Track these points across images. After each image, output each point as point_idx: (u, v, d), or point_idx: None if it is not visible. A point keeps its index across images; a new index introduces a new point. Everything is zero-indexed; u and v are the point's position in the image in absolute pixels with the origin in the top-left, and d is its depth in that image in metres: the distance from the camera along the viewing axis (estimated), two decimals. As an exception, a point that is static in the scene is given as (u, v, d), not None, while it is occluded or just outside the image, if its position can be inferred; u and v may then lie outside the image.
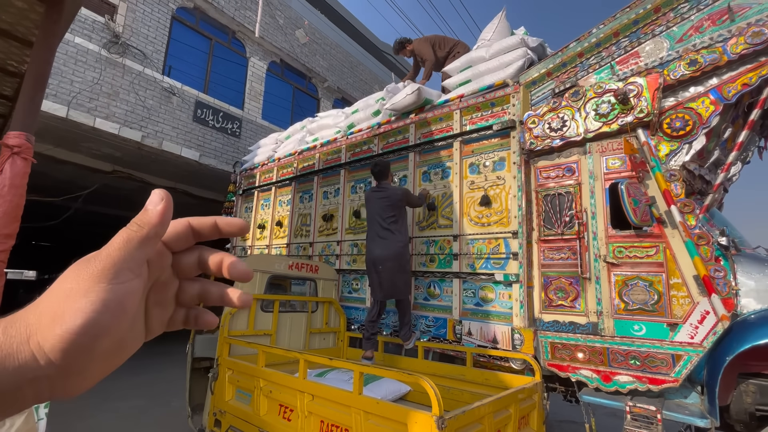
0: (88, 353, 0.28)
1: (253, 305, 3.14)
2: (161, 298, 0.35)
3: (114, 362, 0.32)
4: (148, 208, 0.31)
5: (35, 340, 0.27)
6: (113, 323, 0.29)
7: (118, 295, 0.29)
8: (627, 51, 2.73)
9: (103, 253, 0.29)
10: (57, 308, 0.27)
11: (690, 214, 2.33)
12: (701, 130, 2.37)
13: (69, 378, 0.29)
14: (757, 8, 2.31)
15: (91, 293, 0.28)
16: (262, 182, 5.84)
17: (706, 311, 2.23)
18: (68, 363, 0.27)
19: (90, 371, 0.30)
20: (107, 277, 0.28)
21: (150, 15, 6.87)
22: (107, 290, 0.28)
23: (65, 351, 0.27)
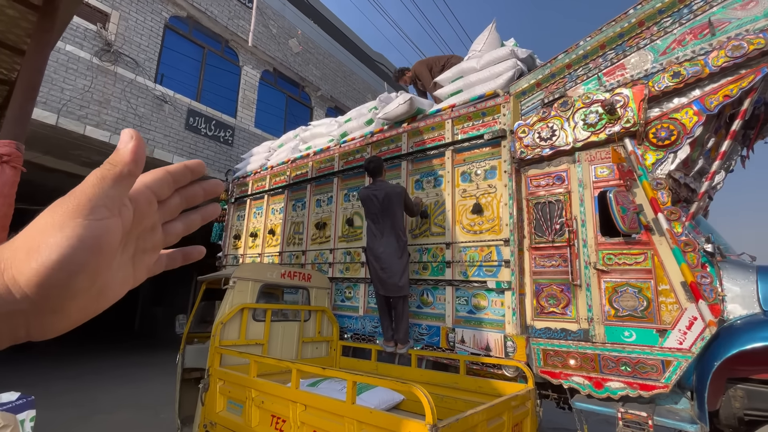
0: (65, 289, 0.28)
1: (244, 314, 3.11)
2: (149, 244, 0.36)
3: (96, 305, 0.32)
4: (119, 147, 0.31)
5: (10, 273, 0.27)
6: (90, 260, 0.28)
7: (94, 232, 0.28)
8: (613, 63, 2.80)
9: (77, 190, 0.29)
10: (32, 243, 0.27)
11: (676, 221, 2.38)
12: (686, 139, 2.44)
13: (45, 315, 0.28)
14: (736, 23, 2.40)
15: (66, 228, 0.27)
16: (254, 190, 5.82)
17: (694, 317, 2.27)
18: (44, 299, 0.27)
19: (68, 310, 0.29)
20: (82, 212, 0.28)
21: (143, 23, 6.88)
22: (83, 225, 0.28)
23: (40, 285, 0.27)
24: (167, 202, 0.36)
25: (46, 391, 5.43)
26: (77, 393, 5.59)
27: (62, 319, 0.30)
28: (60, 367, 7.28)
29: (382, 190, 3.32)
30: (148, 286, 15.13)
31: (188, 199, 0.38)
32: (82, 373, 6.95)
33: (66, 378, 6.47)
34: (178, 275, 12.96)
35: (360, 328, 3.88)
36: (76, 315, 0.30)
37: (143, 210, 0.33)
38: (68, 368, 7.27)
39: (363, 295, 3.93)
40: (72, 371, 7.03)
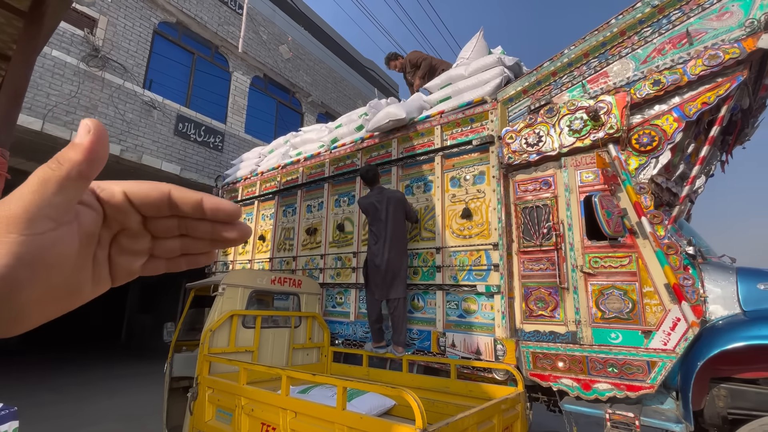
0: (8, 304, 0.25)
1: (234, 321, 3.09)
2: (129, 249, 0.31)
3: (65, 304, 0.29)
4: (73, 142, 0.26)
5: None
6: (32, 278, 0.25)
7: (32, 248, 0.24)
8: (597, 71, 2.88)
9: (15, 195, 0.25)
10: None
11: (659, 224, 2.44)
12: (666, 145, 2.51)
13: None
14: (712, 33, 2.49)
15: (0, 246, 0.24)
16: (244, 196, 5.79)
17: (678, 318, 2.32)
18: None
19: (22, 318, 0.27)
20: (18, 227, 0.24)
21: (131, 29, 6.84)
22: (19, 242, 0.24)
23: None
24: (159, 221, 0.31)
25: (29, 403, 5.29)
26: (62, 405, 5.45)
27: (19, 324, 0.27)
28: (44, 379, 7.09)
29: (384, 195, 3.42)
30: (136, 294, 14.87)
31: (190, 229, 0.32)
32: (67, 384, 6.78)
33: (50, 390, 6.30)
34: (167, 283, 12.77)
35: (351, 334, 3.87)
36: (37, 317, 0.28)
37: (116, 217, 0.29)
38: (53, 379, 7.09)
39: (354, 301, 3.93)
40: (56, 382, 6.85)
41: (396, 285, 3.27)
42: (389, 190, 3.51)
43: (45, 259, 0.26)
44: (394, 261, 3.29)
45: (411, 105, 3.87)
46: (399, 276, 3.29)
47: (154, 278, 13.85)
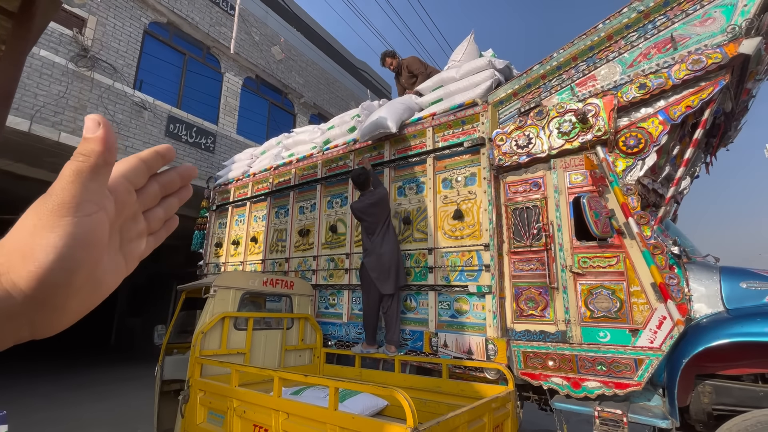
0: (66, 288, 0.28)
1: (226, 323, 3.07)
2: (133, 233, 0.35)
3: (93, 297, 0.32)
4: (87, 136, 0.29)
5: (8, 278, 0.27)
6: (85, 256, 0.28)
7: (85, 228, 0.28)
8: (585, 74, 2.93)
9: (56, 187, 0.28)
10: (25, 246, 0.27)
11: (646, 225, 2.49)
12: (652, 147, 2.57)
13: (48, 314, 0.29)
14: (696, 38, 2.55)
15: (58, 228, 0.27)
16: (236, 197, 5.76)
17: (663, 317, 2.37)
18: (46, 299, 0.28)
19: (69, 307, 0.30)
20: (69, 210, 0.28)
21: (121, 29, 6.77)
22: (73, 224, 0.28)
23: (42, 287, 0.27)
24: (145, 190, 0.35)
25: (19, 409, 5.20)
26: (50, 411, 5.36)
27: (63, 315, 0.30)
28: (33, 384, 6.97)
29: (375, 196, 3.52)
30: (125, 298, 14.67)
31: (165, 185, 0.37)
32: (56, 390, 6.67)
33: (40, 395, 6.20)
34: (156, 285, 12.63)
35: (344, 335, 3.87)
36: (76, 309, 0.31)
37: (123, 200, 0.33)
38: (42, 385, 6.97)
39: (347, 302, 3.94)
40: (46, 388, 6.74)
41: (400, 275, 3.37)
42: (378, 191, 3.59)
43: (92, 239, 0.29)
44: (393, 251, 3.39)
45: (402, 111, 3.87)
46: (401, 266, 3.39)
47: (143, 281, 13.69)
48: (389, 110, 3.82)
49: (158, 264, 13.04)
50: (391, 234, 3.50)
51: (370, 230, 3.49)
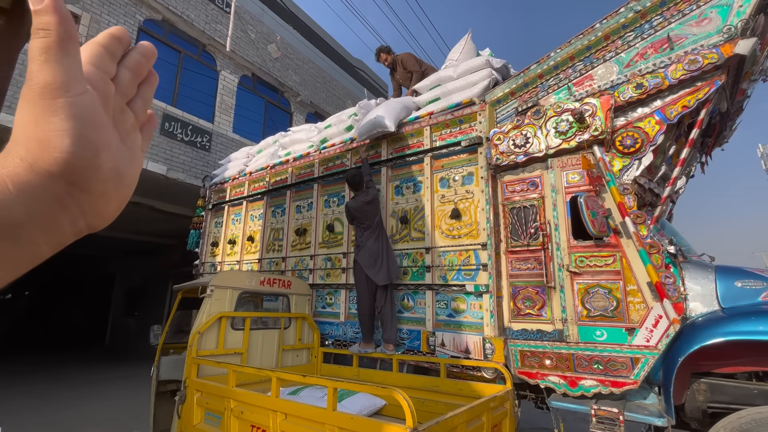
0: (95, 170, 0.28)
1: (223, 323, 3.06)
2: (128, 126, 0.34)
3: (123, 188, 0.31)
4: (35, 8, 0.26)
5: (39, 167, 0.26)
6: (96, 136, 0.28)
7: (82, 108, 0.27)
8: (582, 74, 2.94)
9: (32, 70, 0.26)
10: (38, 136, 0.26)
11: (642, 224, 2.50)
12: (649, 147, 2.58)
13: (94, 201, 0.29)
14: (692, 38, 2.56)
15: (57, 110, 0.26)
16: (232, 196, 5.73)
17: (660, 315, 2.38)
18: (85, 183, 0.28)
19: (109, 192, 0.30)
20: (58, 91, 0.26)
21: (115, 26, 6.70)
22: (69, 104, 0.26)
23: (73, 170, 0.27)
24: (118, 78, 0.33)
25: (10, 410, 5.14)
26: (41, 411, 5.31)
27: (108, 202, 0.30)
28: (25, 384, 6.90)
29: (368, 195, 3.60)
30: (120, 297, 14.57)
31: (134, 70, 0.34)
32: (49, 390, 6.61)
33: (33, 397, 6.14)
34: (153, 285, 12.56)
35: (341, 334, 3.87)
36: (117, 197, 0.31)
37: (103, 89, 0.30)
38: (34, 385, 6.90)
39: (344, 301, 3.93)
40: (38, 388, 6.68)
41: (392, 266, 3.42)
42: (371, 191, 3.67)
43: (95, 120, 0.28)
44: (383, 244, 3.46)
45: (400, 110, 3.86)
46: (392, 258, 3.46)
47: (139, 280, 13.60)
48: (387, 109, 3.81)
49: (153, 263, 12.96)
50: (382, 231, 3.58)
51: (363, 228, 3.56)
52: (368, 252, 3.43)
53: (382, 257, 3.41)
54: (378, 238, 3.49)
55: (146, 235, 11.21)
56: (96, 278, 16.23)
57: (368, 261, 3.40)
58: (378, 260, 3.40)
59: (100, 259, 15.66)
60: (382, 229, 3.58)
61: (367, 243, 3.47)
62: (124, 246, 12.90)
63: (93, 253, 14.63)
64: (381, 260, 3.40)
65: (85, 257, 15.27)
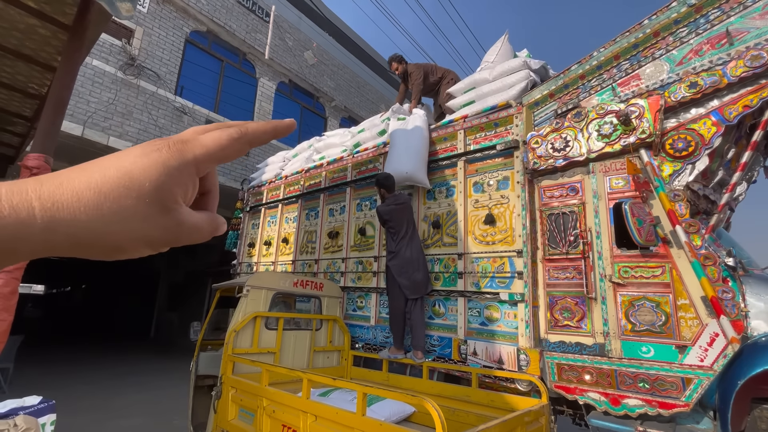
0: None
1: (257, 323, 3.15)
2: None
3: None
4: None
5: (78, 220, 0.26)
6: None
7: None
8: (628, 73, 2.78)
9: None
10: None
11: (695, 234, 2.32)
12: (704, 150, 2.39)
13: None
14: (755, 32, 2.35)
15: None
16: (269, 199, 5.91)
17: (716, 333, 2.19)
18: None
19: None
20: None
21: (165, 38, 7.14)
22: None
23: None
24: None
25: (66, 396, 5.57)
26: (95, 398, 5.70)
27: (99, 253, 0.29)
28: (79, 373, 7.45)
29: (405, 200, 3.57)
30: (164, 293, 15.42)
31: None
32: (99, 378, 7.10)
33: (85, 383, 6.62)
34: (194, 282, 13.19)
35: (371, 338, 3.87)
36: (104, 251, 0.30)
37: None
38: (87, 373, 7.44)
39: (374, 305, 3.93)
40: (90, 376, 7.19)
41: (426, 281, 3.35)
42: (403, 195, 3.62)
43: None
44: (420, 258, 3.39)
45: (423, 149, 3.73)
46: (426, 271, 3.38)
47: (181, 278, 14.34)
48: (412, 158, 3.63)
49: (194, 262, 13.63)
50: (416, 238, 3.49)
51: (395, 233, 3.47)
52: (401, 262, 3.37)
53: (416, 271, 3.33)
54: (410, 246, 3.41)
55: (189, 235, 11.79)
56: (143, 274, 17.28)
57: (402, 273, 3.34)
58: (410, 271, 3.33)
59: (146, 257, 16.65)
60: (416, 238, 3.49)
61: (400, 251, 3.40)
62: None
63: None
64: (415, 274, 3.32)
65: (134, 254, 16.25)
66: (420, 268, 3.34)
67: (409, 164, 3.62)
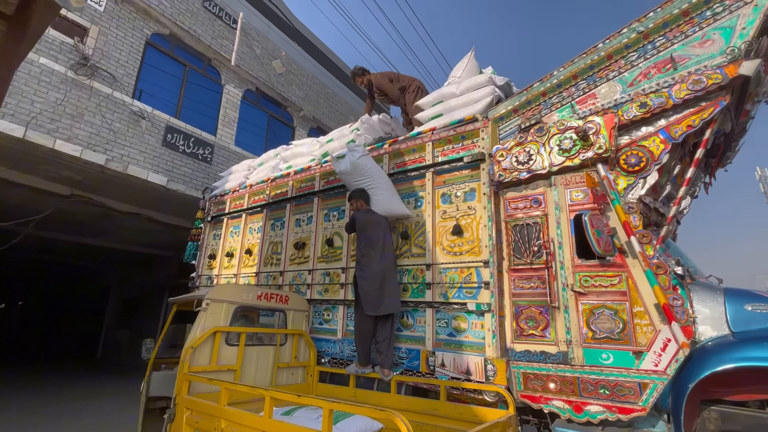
0: None
1: (217, 338, 2.97)
2: None
3: None
4: None
5: None
6: None
7: None
8: (585, 92, 2.94)
9: None
10: None
11: (648, 244, 2.45)
12: (654, 166, 2.55)
13: None
14: (695, 59, 2.57)
15: None
16: (232, 209, 5.69)
17: (668, 339, 2.30)
18: None
19: None
20: None
21: (123, 39, 6.80)
22: None
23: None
24: None
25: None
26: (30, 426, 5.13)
27: None
28: (14, 400, 6.71)
29: (381, 217, 3.49)
30: (114, 309, 14.36)
31: None
32: (38, 404, 6.42)
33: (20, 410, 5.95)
34: (149, 297, 12.39)
35: (338, 352, 3.76)
36: None
37: None
38: (23, 399, 6.71)
39: (342, 318, 3.84)
40: (26, 401, 6.48)
41: (396, 296, 3.25)
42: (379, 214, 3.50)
43: None
44: (391, 276, 3.28)
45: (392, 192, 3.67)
46: (397, 289, 3.28)
47: (134, 292, 13.44)
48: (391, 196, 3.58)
49: (149, 275, 12.83)
50: (390, 254, 3.34)
51: (367, 245, 3.36)
52: (371, 275, 3.23)
53: (385, 284, 3.20)
54: (382, 260, 3.26)
55: (143, 247, 11.13)
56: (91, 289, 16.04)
57: (369, 285, 3.21)
58: (381, 286, 3.20)
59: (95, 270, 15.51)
60: (388, 254, 3.33)
61: (371, 265, 3.26)
62: (121, 257, 12.80)
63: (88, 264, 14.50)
64: (384, 287, 3.19)
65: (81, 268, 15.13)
66: (391, 284, 3.24)
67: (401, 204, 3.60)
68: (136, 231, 9.16)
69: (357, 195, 3.61)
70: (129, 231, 9.24)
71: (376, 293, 3.17)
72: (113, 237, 10.03)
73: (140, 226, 8.48)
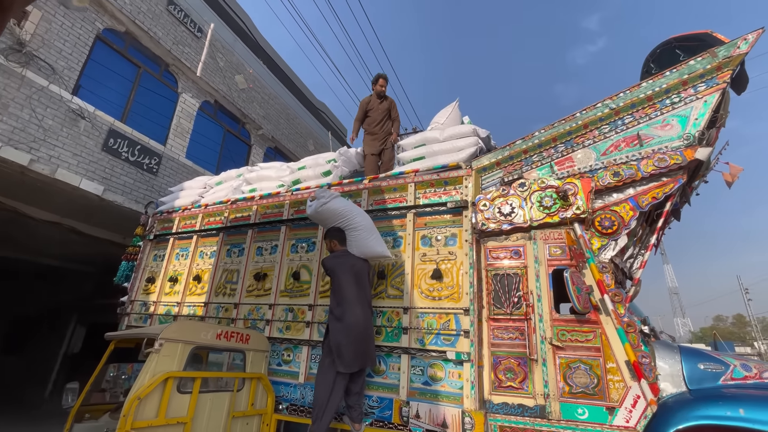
0: None
1: (168, 385, 2.56)
2: None
3: None
4: None
5: None
6: None
7: None
8: (563, 155, 3.18)
9: None
10: None
11: (619, 303, 2.63)
12: (624, 230, 2.79)
13: None
14: (658, 139, 2.92)
15: None
16: (181, 228, 5.17)
17: (638, 395, 2.44)
18: None
19: None
20: None
21: (69, 29, 6.12)
22: None
23: None
24: None
25: None
26: None
27: None
28: None
29: (359, 260, 3.26)
30: (0, 330, 12.08)
31: None
32: None
33: None
34: (51, 317, 10.62)
35: (299, 398, 3.46)
36: None
37: None
38: None
39: (305, 359, 3.57)
40: None
41: (373, 350, 3.05)
42: (360, 258, 3.30)
43: None
44: (370, 327, 3.08)
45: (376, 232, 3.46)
46: (373, 339, 3.10)
47: (31, 310, 11.44)
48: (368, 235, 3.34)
49: (56, 291, 11.07)
50: (367, 303, 3.13)
51: (339, 291, 3.08)
52: (344, 327, 2.94)
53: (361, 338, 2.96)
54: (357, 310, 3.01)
55: (52, 258, 9.61)
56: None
57: (357, 340, 2.93)
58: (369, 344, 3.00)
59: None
60: (365, 302, 3.10)
61: (344, 315, 2.98)
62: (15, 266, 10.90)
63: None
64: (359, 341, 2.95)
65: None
66: (369, 338, 3.03)
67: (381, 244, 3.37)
68: (47, 239, 7.91)
69: (330, 235, 3.38)
70: (40, 240, 7.97)
71: (352, 348, 2.90)
72: (17, 245, 8.56)
73: (59, 236, 7.37)
